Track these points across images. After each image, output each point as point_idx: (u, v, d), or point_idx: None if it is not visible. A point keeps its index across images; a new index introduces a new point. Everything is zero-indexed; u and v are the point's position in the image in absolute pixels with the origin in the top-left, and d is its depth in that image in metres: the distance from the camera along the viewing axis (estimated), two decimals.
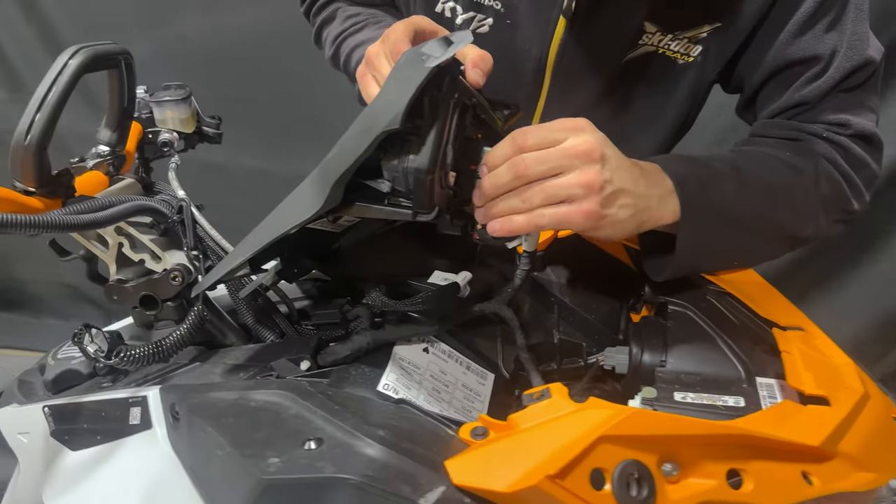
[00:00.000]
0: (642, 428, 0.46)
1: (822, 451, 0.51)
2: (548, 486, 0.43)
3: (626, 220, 0.64)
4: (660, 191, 0.67)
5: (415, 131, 0.55)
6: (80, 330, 0.68)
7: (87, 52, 0.62)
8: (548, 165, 0.60)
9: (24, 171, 0.60)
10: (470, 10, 0.89)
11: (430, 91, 0.55)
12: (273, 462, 0.47)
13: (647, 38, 0.86)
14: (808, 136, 0.80)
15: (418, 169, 0.55)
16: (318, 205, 0.54)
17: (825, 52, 0.78)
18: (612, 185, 0.61)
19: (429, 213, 0.58)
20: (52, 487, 0.64)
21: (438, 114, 0.55)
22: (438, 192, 0.58)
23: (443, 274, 0.73)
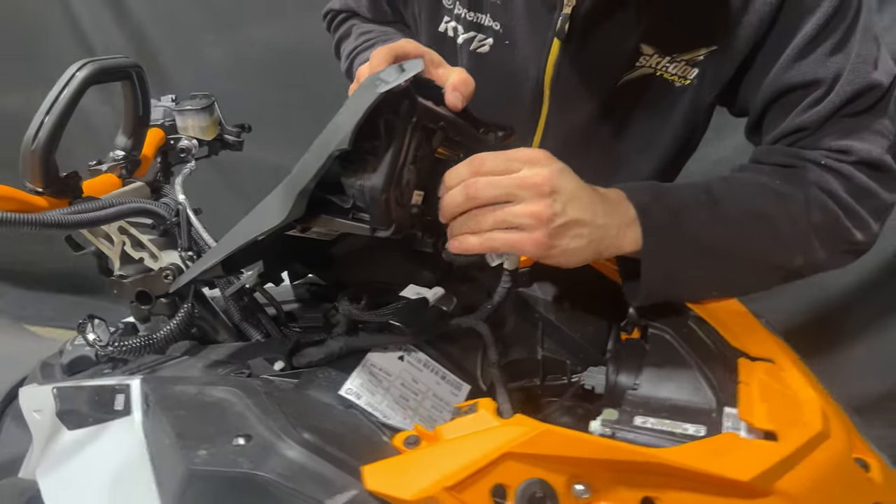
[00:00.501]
0: (550, 448, 0.47)
1: (753, 487, 0.50)
2: (445, 498, 0.45)
3: (580, 249, 0.65)
4: (620, 220, 0.67)
5: (372, 151, 0.58)
6: (85, 320, 0.73)
7: (94, 66, 0.67)
8: (499, 191, 0.62)
9: (31, 172, 0.66)
10: (471, 31, 0.91)
11: (386, 114, 0.57)
12: (201, 454, 0.50)
13: (645, 60, 0.86)
14: (805, 162, 0.77)
15: (373, 188, 0.57)
16: (283, 215, 0.57)
17: (827, 76, 0.75)
18: (562, 218, 0.62)
19: (386, 229, 0.60)
20: (44, 463, 0.69)
21: (394, 136, 0.58)
22: (397, 210, 0.60)
23: (416, 288, 0.75)
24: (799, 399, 0.60)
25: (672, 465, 0.48)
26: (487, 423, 0.51)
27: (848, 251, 0.78)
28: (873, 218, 0.77)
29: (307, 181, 0.55)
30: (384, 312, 0.70)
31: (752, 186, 0.75)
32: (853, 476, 0.57)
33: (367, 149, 0.57)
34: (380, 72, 0.57)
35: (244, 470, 0.48)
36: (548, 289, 0.81)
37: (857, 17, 0.75)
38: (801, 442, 0.55)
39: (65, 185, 0.69)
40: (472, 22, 0.91)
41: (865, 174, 0.76)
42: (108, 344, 0.71)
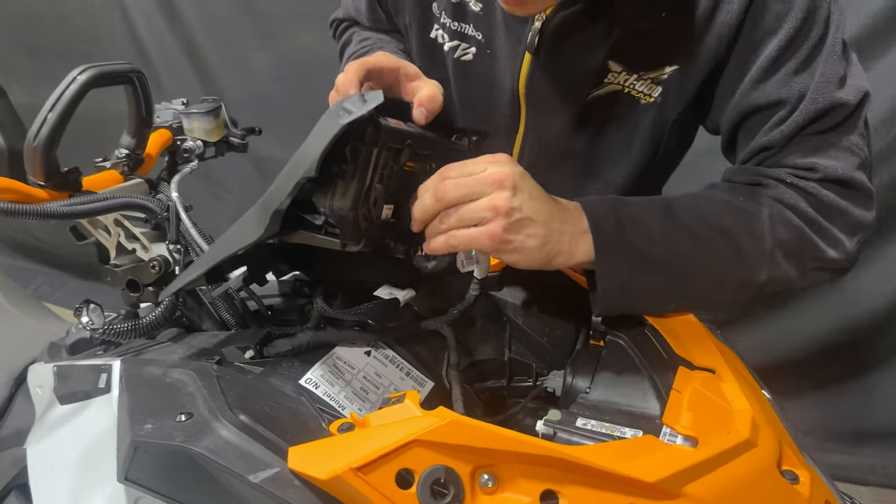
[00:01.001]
0: (457, 437, 0.50)
1: (659, 488, 0.52)
2: (351, 478, 0.48)
3: (533, 249, 0.67)
4: (573, 229, 0.70)
5: (340, 175, 0.62)
6: (81, 304, 0.79)
7: (94, 70, 0.74)
8: (464, 191, 0.66)
9: (33, 166, 0.72)
10: (455, 39, 0.95)
11: (352, 141, 0.61)
12: (147, 427, 0.55)
13: (613, 77, 0.89)
14: (770, 180, 0.78)
15: (341, 208, 0.62)
16: (259, 232, 0.61)
17: (791, 96, 0.76)
18: (519, 213, 0.65)
19: (356, 245, 0.64)
20: (35, 434, 0.75)
21: (360, 160, 0.62)
22: (366, 226, 0.64)
23: (389, 288, 0.79)
24: (730, 409, 0.62)
25: (575, 461, 0.51)
26: (410, 413, 0.54)
27: (820, 268, 0.78)
28: (846, 234, 0.77)
29: (279, 202, 0.60)
30: (356, 311, 0.74)
31: (714, 202, 0.77)
32: (776, 487, 0.58)
33: (335, 172, 0.61)
34: (345, 100, 0.60)
35: (178, 444, 0.52)
36: (517, 293, 0.84)
37: (824, 37, 0.75)
38: (721, 449, 0.56)
39: (65, 179, 0.75)
40: (456, 31, 0.95)
41: (833, 191, 0.76)
42: (100, 327, 0.77)
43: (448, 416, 0.51)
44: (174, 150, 0.96)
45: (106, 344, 0.82)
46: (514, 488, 0.51)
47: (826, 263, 0.78)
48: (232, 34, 2.34)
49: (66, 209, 0.70)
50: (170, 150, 0.96)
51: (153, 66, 2.46)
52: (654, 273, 0.72)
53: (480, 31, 0.93)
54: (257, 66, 2.34)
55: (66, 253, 2.99)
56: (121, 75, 0.78)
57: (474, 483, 0.50)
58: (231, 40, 2.35)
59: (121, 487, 0.60)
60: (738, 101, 0.80)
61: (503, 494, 0.51)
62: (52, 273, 3.08)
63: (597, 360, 0.73)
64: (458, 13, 0.94)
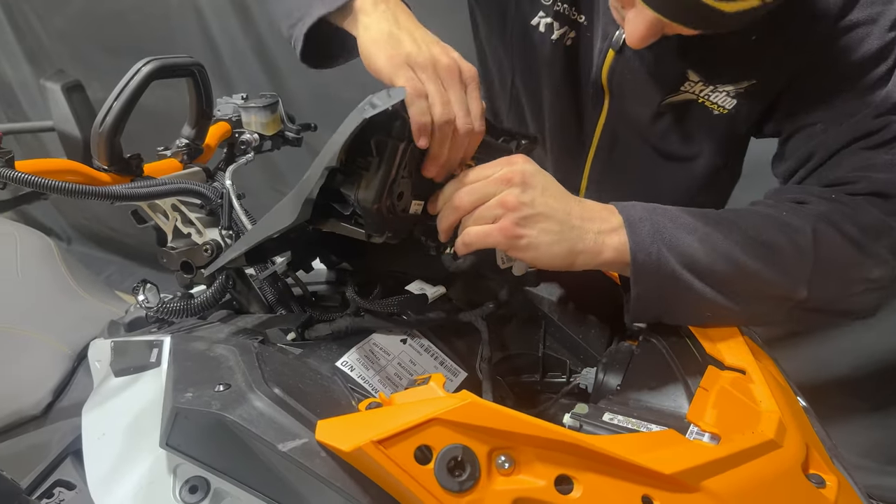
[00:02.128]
0: (475, 418, 0.51)
1: (676, 481, 0.53)
2: (372, 451, 0.50)
3: (549, 245, 0.67)
4: (599, 226, 0.69)
5: (365, 167, 0.64)
6: (139, 284, 0.84)
7: (157, 62, 0.78)
8: (477, 195, 0.68)
9: (98, 151, 0.77)
10: (565, 25, 0.96)
11: (378, 134, 0.63)
12: (187, 396, 0.58)
13: (689, 87, 0.90)
14: (814, 198, 0.76)
15: (364, 200, 0.64)
16: (291, 219, 0.64)
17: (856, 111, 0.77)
18: (530, 208, 0.66)
19: (380, 236, 0.67)
20: (90, 403, 0.80)
21: (385, 155, 0.64)
22: (391, 219, 0.67)
23: (420, 283, 0.81)
24: (757, 410, 0.61)
25: (591, 448, 0.52)
26: (433, 394, 0.56)
27: (867, 289, 0.76)
28: (891, 253, 0.75)
29: (310, 191, 0.63)
30: (385, 303, 0.77)
31: (756, 215, 0.75)
32: (800, 489, 0.58)
33: (360, 164, 0.64)
34: (374, 95, 0.62)
35: (214, 411, 0.56)
36: (553, 290, 0.85)
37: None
38: (743, 447, 0.56)
39: (127, 164, 0.79)
40: (567, 17, 0.95)
41: (878, 206, 0.74)
42: (155, 306, 0.81)
43: (468, 398, 0.52)
44: (232, 142, 1.00)
45: (160, 322, 0.87)
46: (530, 471, 0.52)
47: (870, 284, 0.75)
48: None
49: (126, 191, 0.74)
50: (228, 142, 1.00)
51: (225, 66, 2.55)
52: (692, 278, 0.70)
53: (584, 15, 0.94)
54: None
55: (137, 243, 3.12)
56: (182, 68, 0.83)
57: (491, 463, 0.52)
58: None
59: (163, 454, 0.64)
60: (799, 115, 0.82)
61: (519, 476, 0.52)
62: (123, 263, 3.23)
63: (629, 358, 0.74)
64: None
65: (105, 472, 0.67)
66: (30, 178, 0.66)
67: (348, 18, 0.76)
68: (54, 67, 2.83)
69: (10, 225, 1.44)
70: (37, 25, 3.00)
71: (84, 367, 1.11)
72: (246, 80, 2.55)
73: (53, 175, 0.70)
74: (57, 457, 0.84)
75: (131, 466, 0.66)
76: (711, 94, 0.89)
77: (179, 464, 0.62)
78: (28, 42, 3.08)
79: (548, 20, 0.98)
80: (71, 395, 1.08)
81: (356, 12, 0.75)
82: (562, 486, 0.52)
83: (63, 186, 0.68)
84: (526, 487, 0.51)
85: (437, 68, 0.69)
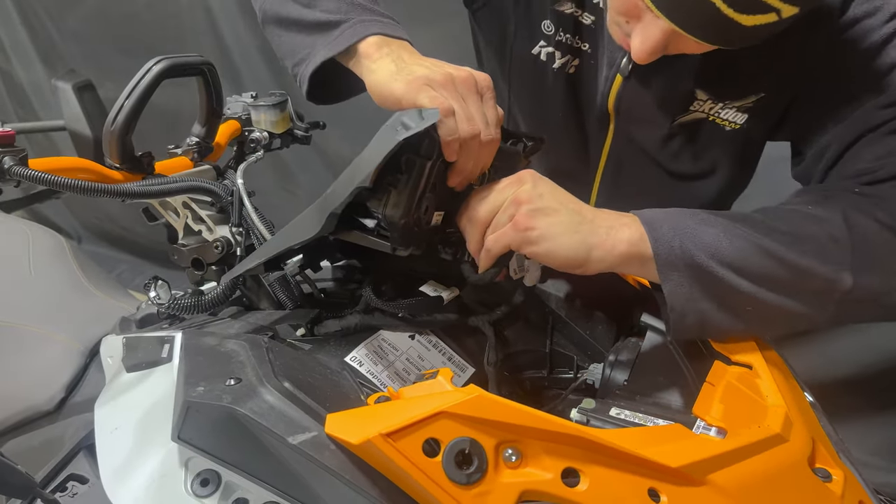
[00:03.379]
0: (483, 412, 0.52)
1: (682, 474, 0.53)
2: (381, 443, 0.51)
3: (561, 237, 0.67)
4: (610, 222, 0.69)
5: (393, 184, 0.65)
6: (150, 280, 0.85)
7: (168, 61, 0.79)
8: (490, 205, 0.70)
9: (110, 149, 0.78)
10: (567, 54, 0.97)
11: (407, 153, 0.64)
12: (199, 389, 0.59)
13: (699, 105, 0.90)
14: (838, 191, 0.76)
15: (392, 216, 0.65)
16: (315, 231, 0.66)
17: None
18: (541, 200, 0.67)
19: (405, 250, 0.68)
20: (102, 398, 0.81)
21: (413, 172, 0.65)
22: (415, 233, 0.68)
23: (434, 285, 0.81)
24: (764, 404, 0.62)
25: (598, 441, 0.52)
26: (441, 388, 0.56)
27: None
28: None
29: (336, 206, 0.64)
30: (400, 304, 0.78)
31: (780, 211, 0.74)
32: (806, 482, 0.58)
33: (389, 181, 0.65)
34: (403, 114, 0.63)
35: (225, 404, 0.56)
36: (561, 286, 0.85)
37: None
38: (749, 441, 0.57)
39: (138, 162, 0.81)
40: (569, 46, 0.97)
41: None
42: (166, 302, 0.82)
43: (476, 392, 0.53)
44: (242, 140, 1.01)
45: (171, 319, 0.87)
46: (537, 464, 0.52)
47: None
48: None
49: (138, 189, 0.75)
50: (238, 140, 1.01)
51: (235, 65, 2.57)
52: (723, 269, 0.67)
53: (587, 43, 0.95)
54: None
55: (148, 242, 3.14)
56: (192, 67, 0.84)
57: (498, 456, 0.52)
58: None
59: (175, 448, 0.65)
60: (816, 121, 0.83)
61: (526, 469, 0.52)
62: (134, 261, 3.25)
63: (636, 353, 0.74)
64: (574, 27, 0.95)
65: (118, 465, 0.68)
66: (43, 176, 0.67)
67: (353, 61, 0.78)
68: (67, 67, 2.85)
69: (23, 223, 1.46)
70: (49, 26, 3.03)
71: (96, 363, 1.12)
72: (254, 80, 2.56)
73: (66, 173, 0.71)
74: (70, 451, 0.85)
75: (143, 460, 0.67)
76: (721, 111, 0.90)
77: (191, 457, 0.63)
78: (41, 42, 3.11)
79: (549, 49, 0.99)
80: (83, 391, 1.09)
81: (360, 56, 0.76)
82: (569, 479, 0.52)
83: (76, 184, 0.69)
84: (533, 480, 0.52)
85: (456, 83, 0.69)
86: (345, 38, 0.77)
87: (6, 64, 3.31)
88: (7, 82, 3.38)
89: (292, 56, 0.86)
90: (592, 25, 0.94)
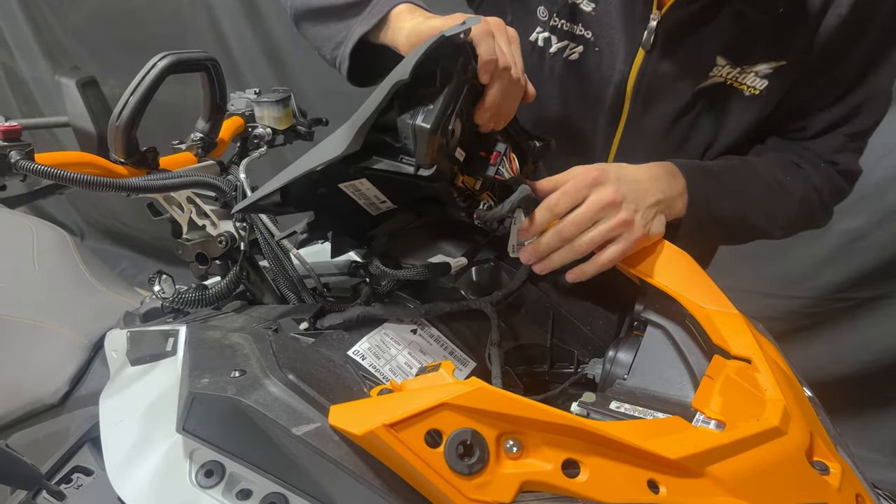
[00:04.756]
0: (484, 403, 0.53)
1: (681, 466, 0.54)
2: (384, 434, 0.51)
3: (661, 221, 0.79)
4: (675, 191, 0.84)
5: (428, 96, 0.66)
6: (155, 274, 0.86)
7: (173, 57, 0.79)
8: (582, 226, 0.75)
9: (115, 144, 0.79)
10: (564, 39, 0.99)
11: (444, 62, 0.65)
12: (203, 381, 0.60)
13: (718, 70, 0.93)
14: (809, 164, 0.93)
15: (422, 126, 0.65)
16: (342, 148, 0.63)
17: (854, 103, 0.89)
18: (641, 214, 0.76)
19: (428, 168, 0.67)
20: (107, 391, 0.82)
21: (448, 83, 0.66)
22: (440, 155, 0.68)
23: (443, 257, 0.82)
24: (762, 398, 0.62)
25: (598, 433, 0.53)
26: (442, 381, 0.57)
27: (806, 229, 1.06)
28: (833, 210, 1.04)
29: (367, 116, 0.63)
30: (409, 271, 0.78)
31: (765, 176, 0.95)
32: (804, 475, 0.58)
33: (422, 94, 0.66)
34: (444, 30, 0.65)
35: (230, 395, 0.57)
36: (561, 281, 0.85)
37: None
38: (748, 434, 0.57)
39: (143, 157, 0.81)
40: (566, 32, 0.99)
41: (846, 180, 1.01)
42: (170, 296, 0.83)
43: (477, 384, 0.53)
44: (245, 136, 1.02)
45: (175, 313, 0.88)
46: (538, 455, 0.53)
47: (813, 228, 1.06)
48: None
49: (143, 183, 0.76)
50: (241, 136, 1.02)
51: (235, 63, 2.58)
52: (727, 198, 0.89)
53: (590, 30, 0.96)
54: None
55: (150, 238, 3.16)
56: (197, 63, 0.84)
57: (499, 447, 0.53)
58: None
59: (179, 439, 0.65)
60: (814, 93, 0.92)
61: (527, 460, 0.53)
62: (136, 257, 3.26)
63: (636, 348, 0.75)
64: (570, 14, 0.98)
65: (123, 457, 0.69)
66: (50, 171, 0.68)
67: (387, 30, 0.84)
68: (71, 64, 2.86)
69: (27, 219, 1.46)
70: (54, 22, 3.04)
71: (100, 357, 1.13)
72: (255, 77, 2.57)
73: (72, 167, 0.72)
74: (75, 444, 0.86)
75: (148, 452, 0.68)
76: (740, 75, 0.93)
77: (195, 448, 0.64)
78: (45, 39, 3.12)
79: (545, 34, 1.01)
80: (87, 385, 1.10)
81: (392, 22, 0.83)
82: (569, 470, 0.53)
83: (82, 178, 0.70)
84: (534, 471, 0.52)
85: (490, 23, 0.73)
86: (377, 10, 0.85)
87: (10, 60, 3.31)
88: (11, 78, 3.39)
89: (329, 42, 0.94)
90: (593, 12, 0.95)
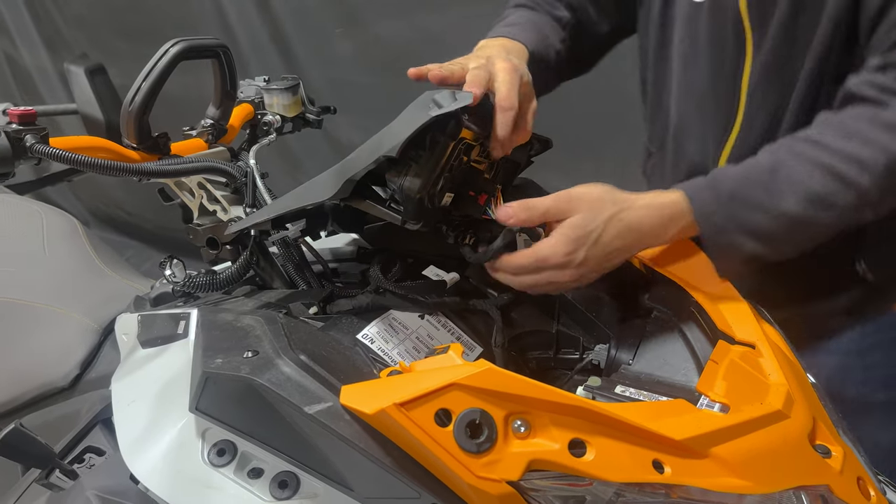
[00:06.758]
0: (493, 384, 0.54)
1: (685, 447, 0.55)
2: (394, 413, 0.52)
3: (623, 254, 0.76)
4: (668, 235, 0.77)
5: (415, 158, 0.67)
6: (166, 259, 0.87)
7: (185, 44, 0.80)
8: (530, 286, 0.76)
9: (127, 130, 0.80)
10: None
11: (433, 131, 0.66)
12: (217, 361, 0.61)
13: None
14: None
15: (409, 189, 0.67)
16: (330, 194, 0.67)
17: None
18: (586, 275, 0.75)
19: (415, 224, 0.70)
20: (119, 373, 0.83)
21: (436, 150, 0.67)
22: (427, 209, 0.70)
23: (436, 270, 0.83)
24: (766, 382, 0.63)
25: (604, 414, 0.54)
26: (452, 362, 0.58)
27: None
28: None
29: (355, 172, 0.65)
30: (406, 286, 0.80)
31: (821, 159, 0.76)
32: (806, 458, 0.60)
33: (411, 155, 0.66)
34: (436, 93, 0.66)
35: (244, 375, 0.58)
36: None
37: None
38: (751, 416, 0.58)
39: (155, 143, 0.82)
40: None
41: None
42: (181, 280, 0.84)
43: (486, 365, 0.55)
44: (255, 123, 1.03)
45: (185, 297, 0.89)
46: (545, 435, 0.54)
47: None
48: (318, 23, 2.42)
49: (156, 168, 0.77)
50: (251, 123, 1.03)
51: (243, 53, 2.58)
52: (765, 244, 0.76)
53: None
54: (341, 53, 2.42)
55: (154, 227, 3.17)
56: (208, 49, 0.85)
57: (507, 427, 0.54)
58: (316, 28, 2.43)
59: (192, 419, 0.67)
60: None
61: (534, 440, 0.54)
62: (140, 246, 3.28)
63: (641, 333, 0.76)
64: None
65: (136, 436, 0.70)
66: (65, 154, 0.69)
67: None
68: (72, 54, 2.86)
69: (36, 204, 1.47)
70: (54, 11, 3.04)
71: (110, 341, 1.14)
72: (263, 65, 2.57)
73: (86, 152, 0.73)
74: (87, 425, 0.87)
75: (161, 431, 0.69)
76: None
77: (208, 428, 0.65)
78: (46, 28, 3.12)
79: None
80: (98, 369, 1.11)
81: None
82: (575, 450, 0.54)
83: (97, 163, 0.71)
84: (541, 450, 0.53)
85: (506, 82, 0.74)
86: None
87: (12, 49, 3.32)
88: (13, 67, 3.40)
89: None
90: None
